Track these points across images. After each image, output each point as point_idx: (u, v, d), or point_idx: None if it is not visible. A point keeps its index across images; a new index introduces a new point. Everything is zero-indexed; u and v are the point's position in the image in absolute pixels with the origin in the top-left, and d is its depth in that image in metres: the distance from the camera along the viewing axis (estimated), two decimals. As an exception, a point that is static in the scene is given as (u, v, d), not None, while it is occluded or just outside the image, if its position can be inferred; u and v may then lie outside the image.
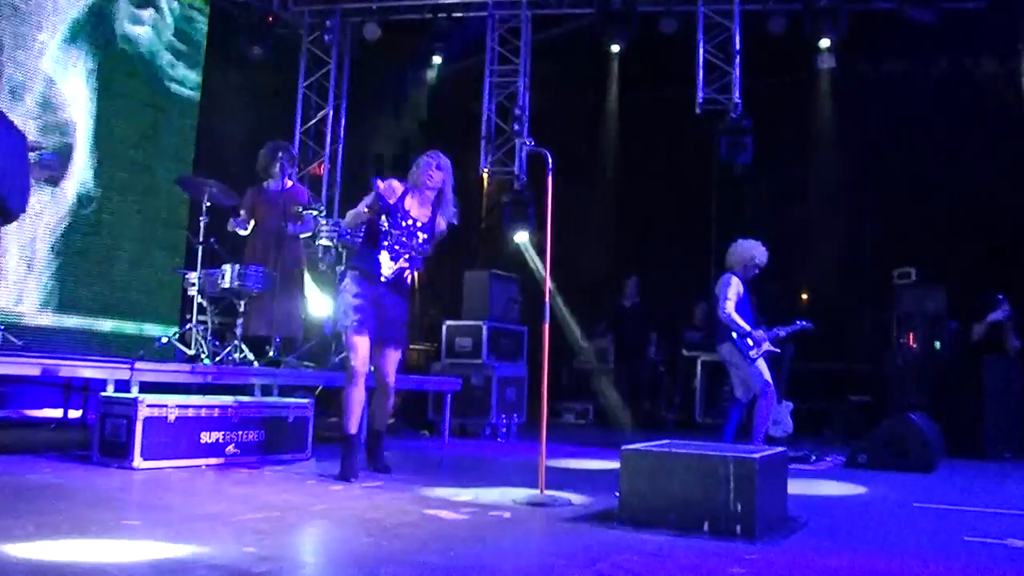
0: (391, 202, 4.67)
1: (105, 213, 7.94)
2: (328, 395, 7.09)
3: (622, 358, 10.76)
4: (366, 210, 4.73)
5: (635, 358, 10.62)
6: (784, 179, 10.86)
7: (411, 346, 9.00)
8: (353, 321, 4.67)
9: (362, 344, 4.68)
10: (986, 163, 9.70)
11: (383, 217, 4.71)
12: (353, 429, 4.69)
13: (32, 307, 7.34)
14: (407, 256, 4.78)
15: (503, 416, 7.99)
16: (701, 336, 10.12)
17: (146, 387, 5.07)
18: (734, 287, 6.15)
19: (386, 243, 4.73)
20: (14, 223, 4.97)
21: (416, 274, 4.92)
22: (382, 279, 4.73)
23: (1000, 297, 8.13)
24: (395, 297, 4.82)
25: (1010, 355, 8.00)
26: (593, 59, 11.00)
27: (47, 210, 7.47)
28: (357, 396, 4.70)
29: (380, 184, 4.63)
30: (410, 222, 4.76)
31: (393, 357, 4.87)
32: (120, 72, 8.17)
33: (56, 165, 6.20)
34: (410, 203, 4.77)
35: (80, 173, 7.77)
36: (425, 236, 4.81)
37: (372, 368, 4.84)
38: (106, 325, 7.90)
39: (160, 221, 8.42)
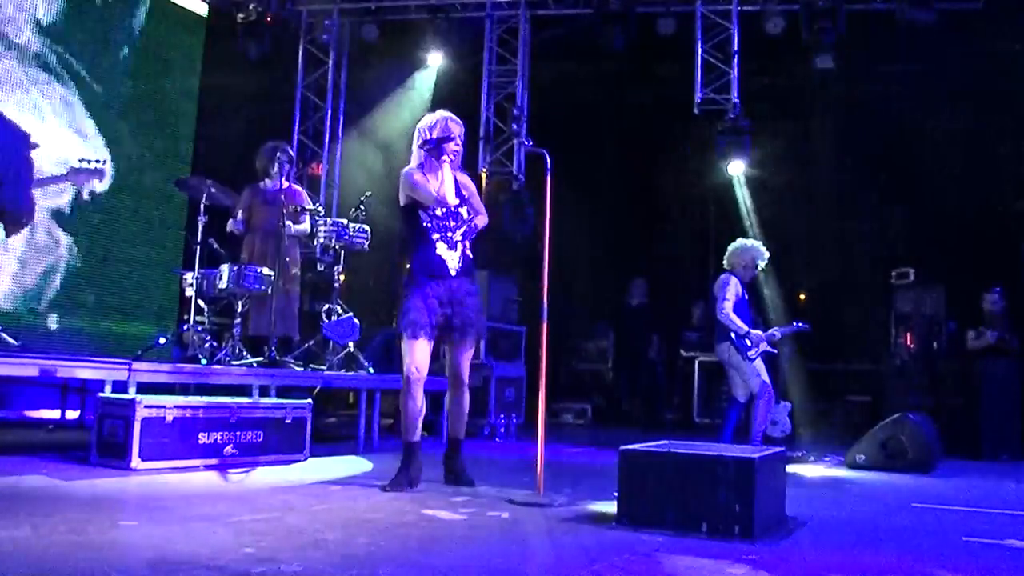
0: (438, 195, 4.40)
1: (103, 213, 7.93)
2: (326, 395, 7.07)
3: (623, 358, 10.75)
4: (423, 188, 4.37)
5: (636, 358, 10.62)
6: (782, 179, 10.86)
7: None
8: (409, 325, 4.32)
9: (417, 349, 4.32)
10: (985, 163, 9.70)
11: (421, 210, 4.42)
12: (413, 437, 4.39)
13: (29, 307, 7.33)
14: (460, 237, 4.48)
15: (501, 416, 7.98)
16: (699, 336, 10.12)
17: (144, 388, 5.06)
18: (733, 287, 6.16)
19: (436, 236, 4.43)
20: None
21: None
22: (452, 273, 4.44)
23: (997, 290, 8.11)
24: (468, 285, 4.51)
25: (1009, 355, 8.00)
26: (592, 59, 11.00)
27: (44, 211, 7.46)
28: (413, 406, 4.37)
29: (418, 179, 4.37)
30: (448, 207, 4.45)
31: (469, 351, 4.57)
32: (118, 72, 8.16)
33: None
34: (438, 185, 4.43)
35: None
36: (466, 208, 4.52)
37: (446, 369, 4.59)
38: (104, 326, 7.89)
39: (158, 221, 8.41)
